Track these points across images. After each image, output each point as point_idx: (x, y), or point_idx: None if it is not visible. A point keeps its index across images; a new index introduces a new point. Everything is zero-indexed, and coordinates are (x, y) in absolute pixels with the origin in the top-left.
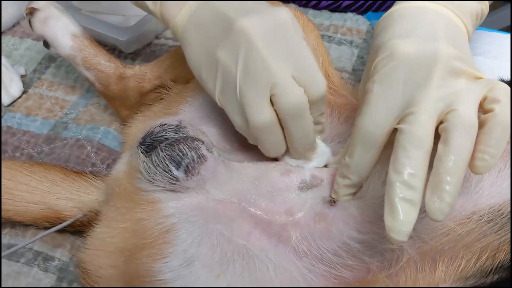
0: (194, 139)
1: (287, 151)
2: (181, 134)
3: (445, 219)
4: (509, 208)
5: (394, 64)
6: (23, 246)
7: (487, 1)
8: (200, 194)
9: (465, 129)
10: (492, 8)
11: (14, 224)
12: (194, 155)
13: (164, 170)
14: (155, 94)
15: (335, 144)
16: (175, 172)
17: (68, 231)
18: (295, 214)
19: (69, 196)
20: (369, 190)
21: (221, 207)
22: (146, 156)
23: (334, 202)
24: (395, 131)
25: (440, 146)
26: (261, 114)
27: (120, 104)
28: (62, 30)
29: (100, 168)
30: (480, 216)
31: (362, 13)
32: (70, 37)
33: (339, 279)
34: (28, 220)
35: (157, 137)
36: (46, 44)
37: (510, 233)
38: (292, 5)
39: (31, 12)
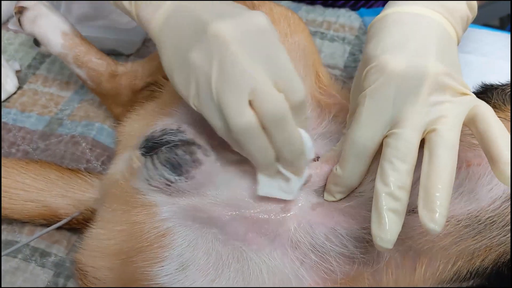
0: (191, 143)
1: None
2: (180, 138)
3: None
4: (486, 215)
5: (384, 80)
6: (21, 245)
7: (475, 3)
8: (196, 197)
9: (447, 148)
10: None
11: (11, 221)
12: (189, 159)
13: (161, 173)
14: (147, 91)
15: (327, 142)
16: (170, 175)
17: (64, 228)
18: (291, 210)
19: (64, 194)
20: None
21: (217, 210)
22: (145, 157)
23: None
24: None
25: (425, 164)
26: (242, 116)
27: (113, 102)
28: (52, 28)
29: (95, 165)
30: (458, 221)
31: (356, 9)
32: (61, 35)
33: (327, 271)
34: (25, 218)
35: (157, 140)
36: (37, 42)
37: (510, 232)
38: (285, 3)
39: (20, 11)
